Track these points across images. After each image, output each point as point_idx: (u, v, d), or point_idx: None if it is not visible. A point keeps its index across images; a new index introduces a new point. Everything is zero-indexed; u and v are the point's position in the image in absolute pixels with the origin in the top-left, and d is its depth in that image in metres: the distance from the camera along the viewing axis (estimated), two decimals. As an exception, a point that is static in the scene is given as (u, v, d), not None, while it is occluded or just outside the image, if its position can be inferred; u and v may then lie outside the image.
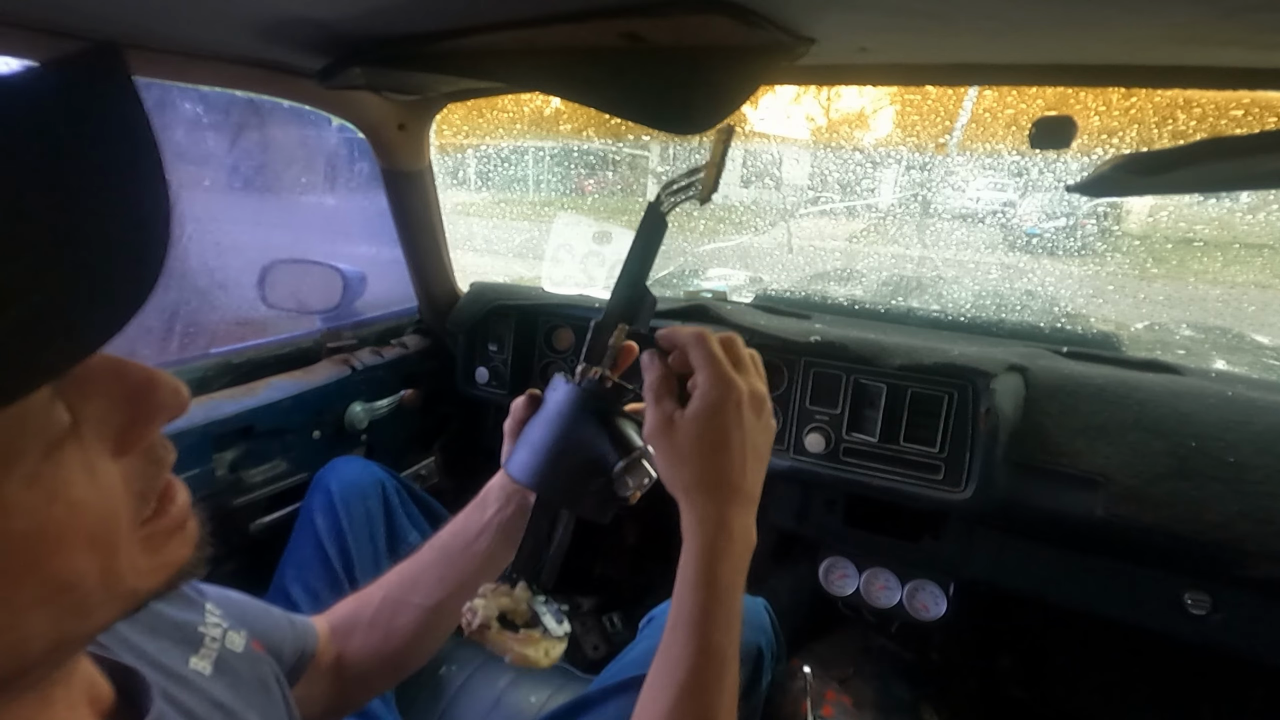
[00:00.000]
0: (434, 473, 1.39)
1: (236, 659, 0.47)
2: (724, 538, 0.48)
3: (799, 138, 2.70)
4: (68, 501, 0.26)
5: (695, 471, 0.49)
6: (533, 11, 0.53)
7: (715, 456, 0.49)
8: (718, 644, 0.46)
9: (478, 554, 0.61)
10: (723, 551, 0.48)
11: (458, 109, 1.15)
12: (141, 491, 0.30)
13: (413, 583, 0.62)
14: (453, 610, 0.60)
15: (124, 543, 0.28)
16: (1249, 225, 1.71)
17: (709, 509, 0.49)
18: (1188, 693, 1.20)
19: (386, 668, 0.63)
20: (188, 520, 0.32)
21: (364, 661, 0.62)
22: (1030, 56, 0.68)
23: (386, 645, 0.62)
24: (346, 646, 0.62)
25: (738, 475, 0.49)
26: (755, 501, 0.52)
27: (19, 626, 0.25)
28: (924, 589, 1.14)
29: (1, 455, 0.24)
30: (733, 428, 0.49)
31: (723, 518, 0.49)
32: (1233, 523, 0.83)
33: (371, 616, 0.62)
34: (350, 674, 0.61)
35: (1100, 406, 0.92)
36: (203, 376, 1.02)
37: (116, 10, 0.59)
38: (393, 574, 0.64)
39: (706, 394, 0.49)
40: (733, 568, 0.48)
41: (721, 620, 0.47)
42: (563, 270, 1.46)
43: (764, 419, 0.52)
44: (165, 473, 0.31)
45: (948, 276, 1.83)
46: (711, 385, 0.49)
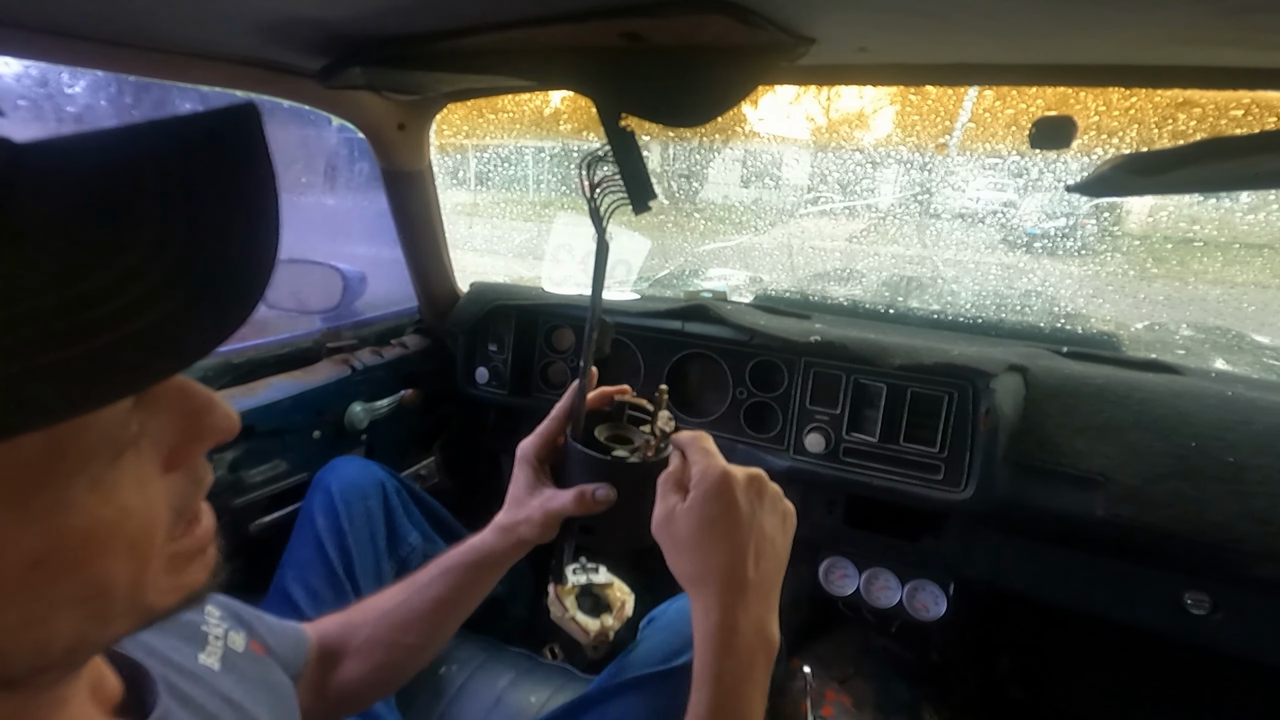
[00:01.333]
0: (434, 473, 1.39)
1: (239, 658, 0.47)
2: (726, 633, 0.47)
3: (799, 138, 2.70)
4: (120, 507, 0.27)
5: (695, 564, 0.49)
6: (533, 11, 0.53)
7: (714, 548, 0.48)
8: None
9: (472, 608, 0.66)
10: (726, 647, 0.46)
11: (458, 109, 1.15)
12: (179, 509, 0.31)
13: (404, 626, 0.63)
14: (441, 640, 0.65)
15: (155, 557, 0.29)
16: (1249, 225, 1.71)
17: (710, 603, 0.48)
18: (1188, 693, 1.20)
19: (371, 691, 0.64)
20: (209, 546, 0.33)
21: (350, 684, 0.62)
22: (1030, 56, 0.68)
23: (375, 676, 0.63)
24: (334, 669, 0.62)
25: (740, 567, 0.48)
26: (769, 595, 0.49)
27: (50, 623, 0.26)
28: (924, 589, 1.14)
29: (80, 454, 0.25)
30: (731, 517, 0.48)
31: (725, 612, 0.47)
32: (1233, 523, 0.83)
33: (360, 647, 0.63)
34: (335, 694, 0.62)
35: (1100, 406, 0.92)
36: (203, 376, 1.02)
37: (116, 10, 0.59)
38: (378, 608, 0.64)
39: (698, 484, 0.50)
40: (740, 665, 0.46)
41: (726, 716, 0.45)
42: (563, 270, 1.46)
43: (769, 504, 0.51)
44: (203, 493, 0.32)
45: (948, 276, 1.83)
46: (702, 475, 0.50)
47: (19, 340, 0.20)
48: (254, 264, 0.25)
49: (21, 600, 0.25)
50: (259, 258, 0.25)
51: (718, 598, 0.47)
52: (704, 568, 0.48)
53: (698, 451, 0.52)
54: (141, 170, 0.24)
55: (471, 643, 0.99)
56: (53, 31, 0.64)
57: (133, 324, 0.22)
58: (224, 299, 0.24)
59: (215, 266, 0.24)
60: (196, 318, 0.23)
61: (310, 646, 0.61)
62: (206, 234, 0.24)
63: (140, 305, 0.22)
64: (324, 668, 0.62)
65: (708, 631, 0.47)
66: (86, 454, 0.25)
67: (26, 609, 0.25)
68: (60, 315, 0.21)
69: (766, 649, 0.48)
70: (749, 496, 0.50)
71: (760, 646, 0.48)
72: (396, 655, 0.63)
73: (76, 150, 0.24)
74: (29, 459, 0.24)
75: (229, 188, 0.25)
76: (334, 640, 0.63)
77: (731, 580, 0.48)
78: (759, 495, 0.51)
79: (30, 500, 0.24)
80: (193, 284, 0.23)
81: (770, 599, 0.50)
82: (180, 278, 0.23)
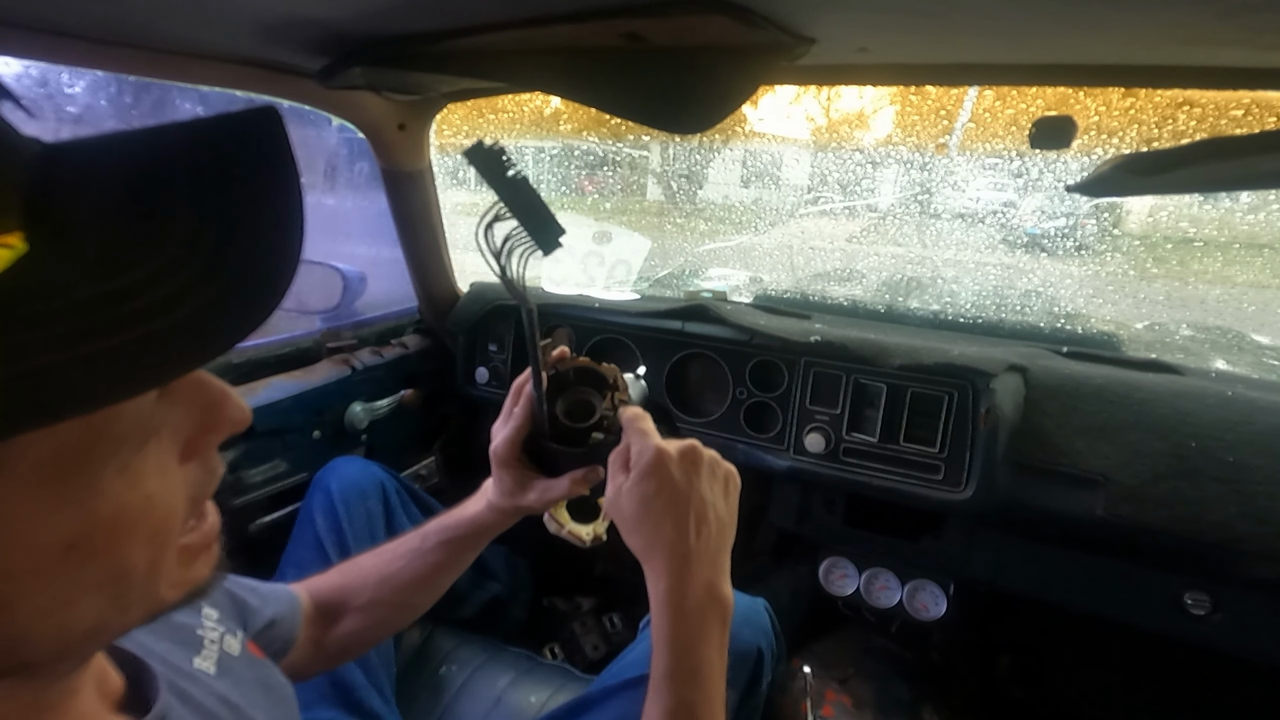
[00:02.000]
0: (434, 473, 1.39)
1: (235, 661, 0.47)
2: (676, 596, 0.50)
3: (799, 138, 2.70)
4: (145, 494, 0.28)
5: (642, 538, 0.52)
6: (533, 11, 0.53)
7: (656, 522, 0.51)
8: (687, 701, 0.48)
9: (465, 567, 0.69)
10: (677, 611, 0.49)
11: (458, 109, 1.15)
12: (194, 497, 0.32)
13: (407, 588, 0.66)
14: (440, 594, 0.69)
15: (171, 546, 0.30)
16: (1249, 225, 1.71)
17: (658, 572, 0.51)
18: (1188, 693, 1.20)
19: (372, 640, 0.70)
20: (213, 543, 0.34)
21: (351, 636, 0.66)
22: (1030, 56, 0.68)
23: (376, 630, 0.68)
24: (334, 625, 0.66)
25: (682, 538, 0.51)
26: (717, 561, 0.52)
27: (75, 606, 0.27)
28: (924, 589, 1.14)
29: (112, 441, 0.26)
30: (666, 493, 0.51)
31: (673, 576, 0.50)
32: (1233, 523, 0.83)
33: (362, 606, 0.66)
34: (336, 646, 0.66)
35: (1100, 406, 0.92)
36: (203, 376, 1.02)
37: (116, 10, 0.59)
38: (378, 575, 0.67)
39: (635, 464, 0.53)
40: (692, 626, 0.49)
41: (687, 679, 0.48)
42: (563, 270, 1.46)
43: (707, 472, 0.54)
44: (215, 483, 0.33)
45: (948, 276, 1.83)
46: (638, 455, 0.53)
47: (63, 330, 0.21)
48: (281, 261, 0.26)
49: (52, 583, 0.26)
50: (285, 255, 0.26)
51: (664, 566, 0.50)
52: (649, 541, 0.51)
53: (634, 433, 0.54)
54: (175, 170, 0.25)
55: (471, 643, 0.99)
56: (53, 31, 0.64)
57: (168, 317, 0.23)
58: (252, 294, 0.25)
59: (245, 263, 0.25)
60: (227, 311, 0.24)
61: (303, 607, 0.64)
62: (237, 231, 0.25)
63: (175, 299, 0.23)
64: (323, 624, 0.66)
65: (659, 598, 0.50)
66: (118, 441, 0.26)
67: (56, 592, 0.26)
68: (100, 307, 0.22)
69: (719, 609, 0.51)
70: (683, 469, 0.52)
71: (711, 607, 0.51)
72: (398, 613, 0.68)
73: (110, 150, 0.26)
74: (67, 444, 0.25)
75: (258, 187, 0.26)
76: (332, 599, 0.66)
77: (675, 550, 0.51)
78: (694, 466, 0.53)
79: (66, 484, 0.25)
80: (224, 279, 0.24)
81: (719, 561, 0.53)
82: (213, 273, 0.24)
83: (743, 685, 0.73)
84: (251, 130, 0.26)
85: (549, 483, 0.61)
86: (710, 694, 0.49)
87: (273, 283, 0.25)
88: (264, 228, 0.26)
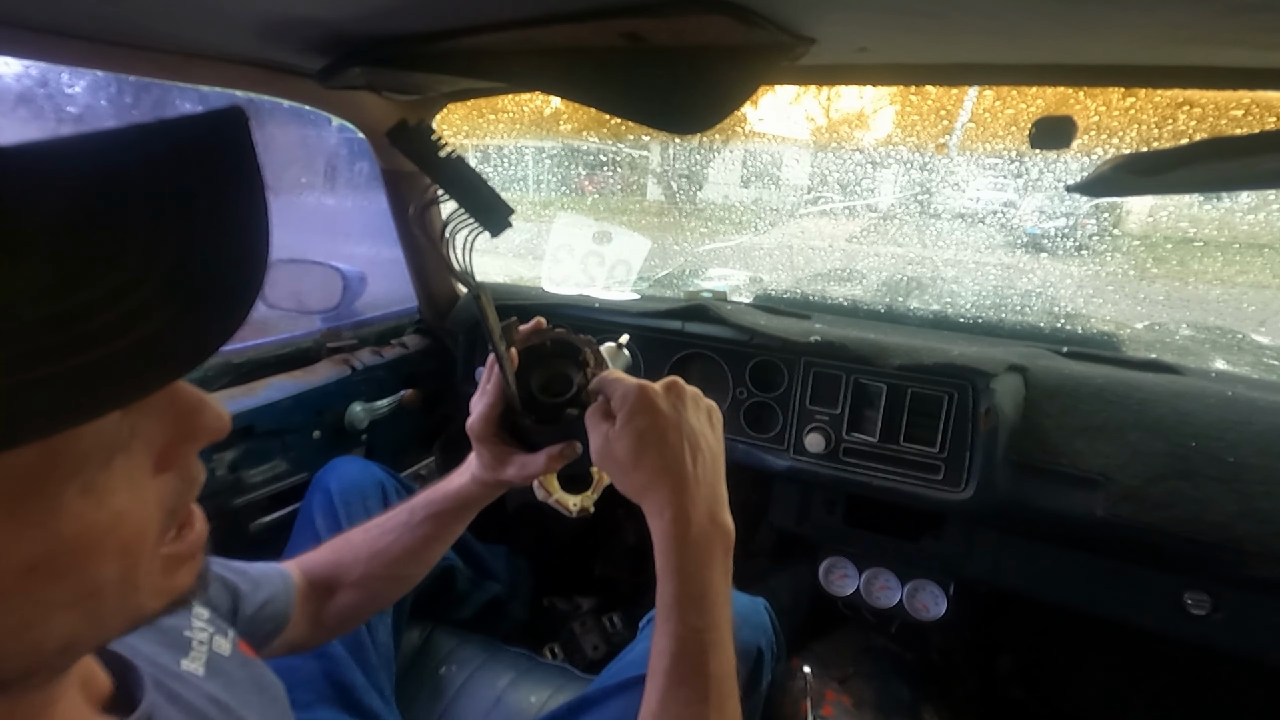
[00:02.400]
0: (434, 473, 1.39)
1: (226, 661, 0.47)
2: (681, 524, 0.49)
3: (799, 138, 2.70)
4: (112, 510, 0.27)
5: (641, 475, 0.51)
6: (533, 11, 0.53)
7: (653, 455, 0.51)
8: (694, 627, 0.47)
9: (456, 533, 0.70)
10: (682, 539, 0.49)
11: (458, 109, 1.15)
12: (172, 509, 0.31)
13: (399, 561, 0.68)
14: (430, 566, 0.71)
15: (146, 558, 0.29)
16: (1249, 225, 1.71)
17: (661, 503, 0.50)
18: (1188, 693, 1.20)
19: (368, 613, 0.72)
20: (199, 552, 0.33)
21: (347, 609, 0.68)
22: (1030, 56, 0.68)
23: (371, 602, 0.69)
24: (329, 600, 0.67)
25: (680, 465, 0.51)
26: (714, 489, 0.52)
27: (43, 626, 0.26)
28: (924, 589, 1.14)
29: (73, 461, 0.25)
30: (659, 424, 0.51)
31: (677, 506, 0.50)
32: (1233, 523, 0.83)
33: (356, 581, 0.67)
34: (334, 620, 0.67)
35: (1100, 406, 0.92)
36: (203, 376, 1.02)
37: (116, 10, 0.59)
38: (369, 550, 0.68)
39: (621, 405, 0.53)
40: (699, 553, 0.49)
41: (694, 605, 0.48)
42: (563, 270, 1.46)
43: (692, 404, 0.54)
44: (195, 492, 0.32)
45: (948, 276, 1.83)
46: (623, 397, 0.53)
47: (13, 353, 0.20)
48: (246, 272, 0.24)
49: (16, 605, 0.25)
50: (250, 266, 0.25)
51: (667, 496, 0.50)
52: (649, 475, 0.51)
53: (612, 382, 0.55)
54: (131, 178, 0.23)
55: (471, 643, 0.99)
56: (53, 31, 0.64)
57: (126, 336, 0.22)
58: (216, 309, 0.24)
59: (207, 276, 0.24)
60: (190, 328, 0.23)
61: (296, 584, 0.65)
62: (198, 243, 0.24)
63: (133, 317, 0.22)
64: (318, 600, 0.67)
65: (663, 530, 0.50)
66: (79, 461, 0.25)
67: (21, 613, 0.25)
68: (54, 329, 0.21)
69: (723, 536, 0.51)
70: (670, 401, 0.53)
71: (715, 533, 0.50)
72: (391, 585, 0.70)
73: (62, 157, 0.24)
74: (22, 468, 0.24)
75: (220, 195, 0.24)
76: (326, 575, 0.68)
77: (676, 478, 0.50)
78: (679, 399, 0.53)
79: (24, 508, 0.24)
80: (185, 294, 0.23)
81: (716, 489, 0.53)
82: (173, 289, 0.23)
83: (743, 685, 0.73)
84: (214, 136, 0.25)
85: (527, 458, 0.61)
86: (717, 620, 0.48)
87: (235, 300, 0.24)
88: (226, 242, 0.24)
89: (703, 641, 0.47)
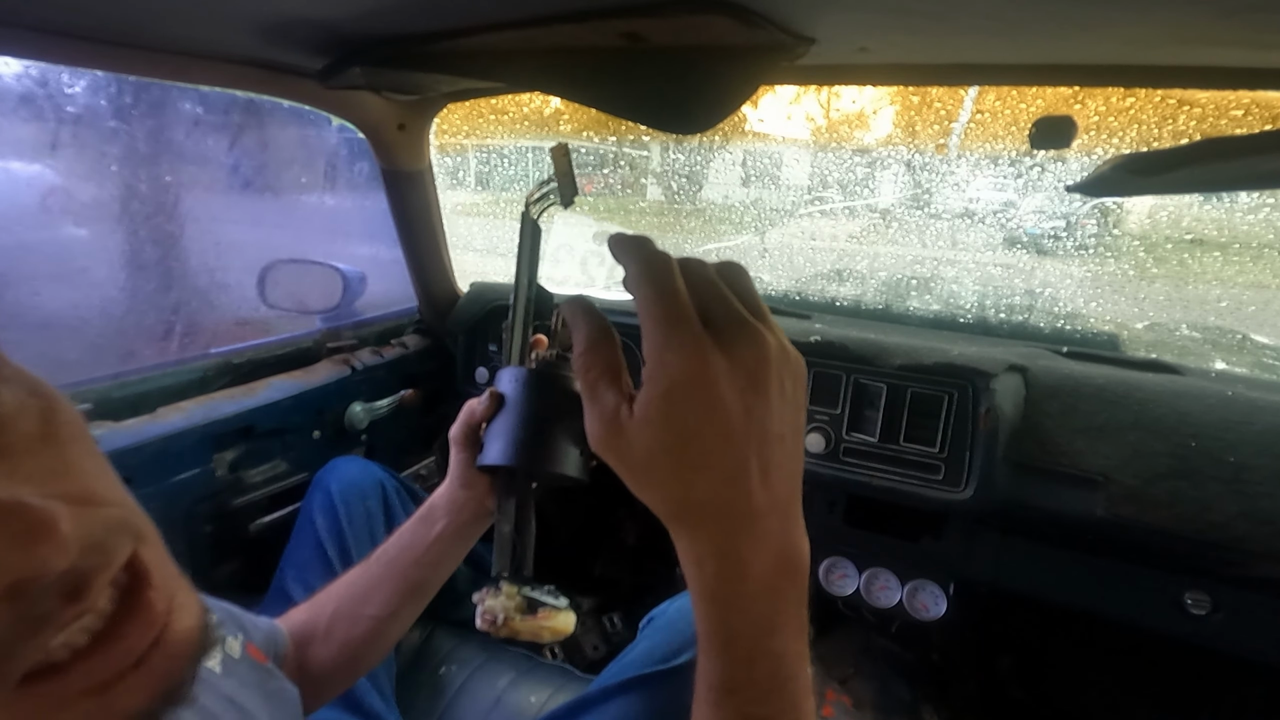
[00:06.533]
0: (434, 473, 1.39)
1: (237, 664, 0.47)
2: (730, 584, 0.32)
3: (799, 138, 2.70)
4: None
5: (671, 496, 0.32)
6: (533, 11, 0.53)
7: (696, 473, 0.31)
8: (752, 715, 0.32)
9: (428, 564, 0.61)
10: (732, 597, 0.32)
11: (458, 109, 1.16)
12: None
13: (364, 597, 0.62)
14: (406, 615, 0.62)
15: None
16: (1249, 225, 1.71)
17: (701, 549, 0.32)
18: (1188, 693, 1.20)
19: (343, 673, 0.64)
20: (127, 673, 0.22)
21: (321, 668, 0.62)
22: (1030, 56, 0.68)
23: (343, 654, 0.62)
24: (304, 656, 0.62)
25: (740, 495, 0.31)
26: (789, 510, 0.33)
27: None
28: (924, 589, 1.14)
29: None
30: (718, 427, 0.31)
31: (725, 560, 0.32)
32: (1233, 523, 0.83)
33: (326, 628, 0.62)
34: (309, 680, 0.61)
35: (1100, 406, 0.92)
36: (203, 376, 1.02)
37: (116, 10, 0.59)
38: (341, 585, 0.64)
39: (657, 377, 0.31)
40: (758, 618, 0.32)
41: (753, 689, 0.32)
42: (563, 270, 1.46)
43: (778, 391, 0.32)
44: (44, 629, 0.20)
45: (948, 276, 1.83)
46: (661, 360, 0.31)
47: None
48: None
49: None
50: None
51: (711, 541, 0.32)
52: (684, 500, 0.32)
53: (646, 301, 0.32)
54: None
55: (471, 643, 0.99)
56: (53, 31, 0.64)
57: None
58: None
59: None
60: None
61: (286, 639, 0.61)
62: None
63: None
64: (298, 656, 0.62)
65: (704, 587, 0.32)
66: None
67: None
68: None
69: (794, 577, 0.33)
70: (740, 389, 0.31)
71: (787, 579, 0.33)
72: (360, 630, 0.61)
73: None
74: None
75: None
76: (301, 627, 0.63)
77: (730, 513, 0.32)
78: (760, 384, 0.31)
79: None
80: None
81: (790, 513, 0.33)
82: None
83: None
84: None
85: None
86: (790, 703, 0.33)
87: None
88: None
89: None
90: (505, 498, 0.52)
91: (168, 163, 1.13)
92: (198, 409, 0.95)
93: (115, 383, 0.93)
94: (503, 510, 0.52)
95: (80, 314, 1.02)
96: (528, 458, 0.49)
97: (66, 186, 1.01)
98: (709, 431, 0.31)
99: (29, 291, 0.95)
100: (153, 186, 1.11)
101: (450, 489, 0.59)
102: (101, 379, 0.93)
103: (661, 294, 0.32)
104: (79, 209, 1.04)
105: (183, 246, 1.16)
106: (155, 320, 1.11)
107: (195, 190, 1.20)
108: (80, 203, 1.04)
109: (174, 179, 1.14)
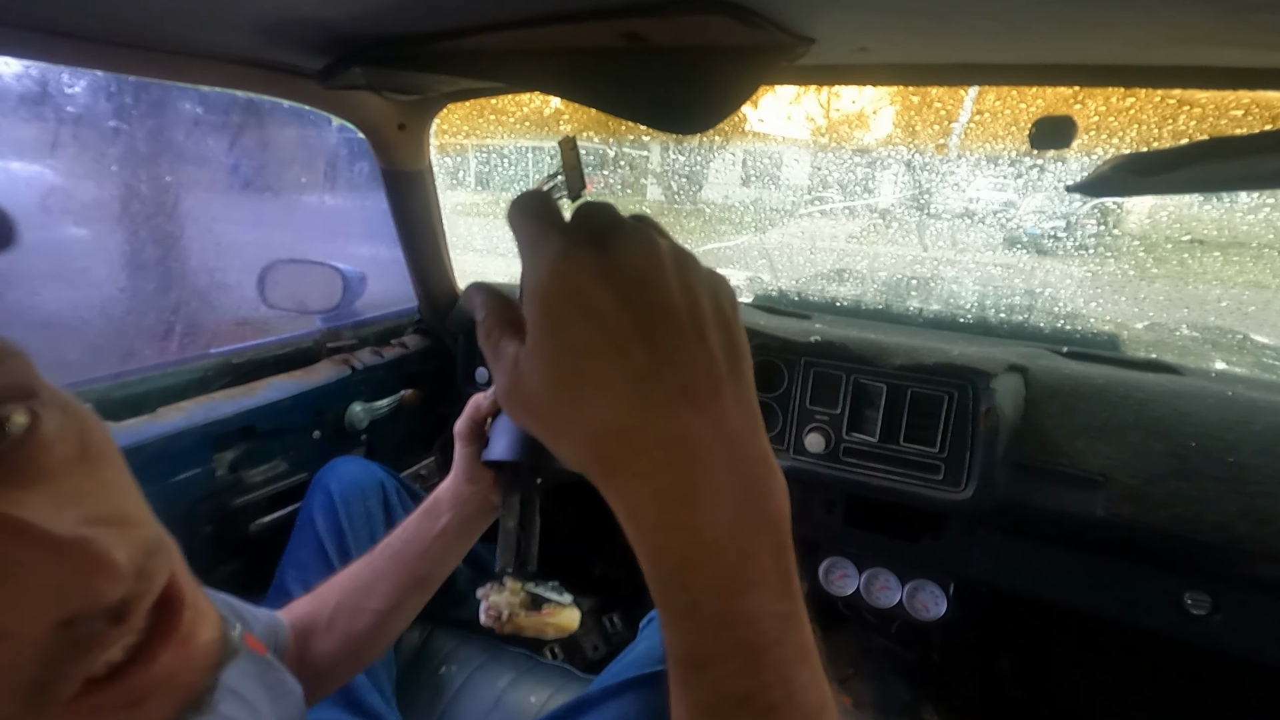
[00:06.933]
0: (434, 473, 1.39)
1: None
2: (676, 525, 0.26)
3: (799, 138, 2.70)
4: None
5: (581, 432, 0.26)
6: (533, 11, 0.53)
7: (598, 390, 0.25)
8: (734, 694, 0.25)
9: (432, 559, 0.61)
10: (684, 549, 0.26)
11: (458, 109, 1.16)
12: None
13: (367, 589, 0.62)
14: (409, 609, 0.63)
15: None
16: (1249, 225, 1.71)
17: (630, 489, 0.26)
18: (1188, 693, 1.20)
19: (343, 667, 0.64)
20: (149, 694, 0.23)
21: (322, 661, 0.62)
22: (1030, 56, 0.68)
23: (345, 648, 0.62)
24: (305, 648, 0.63)
25: (654, 409, 0.25)
26: (739, 439, 0.26)
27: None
28: (924, 589, 1.14)
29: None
30: (608, 330, 0.25)
31: (663, 490, 0.26)
32: (1233, 523, 0.83)
33: (329, 620, 0.62)
34: (309, 672, 0.62)
35: (1100, 406, 0.92)
36: (203, 376, 1.02)
37: (116, 10, 0.59)
38: (344, 577, 0.64)
39: (531, 293, 0.26)
40: (720, 569, 0.26)
41: (721, 661, 0.26)
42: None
43: (679, 284, 0.26)
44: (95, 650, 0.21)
45: (948, 276, 1.83)
46: (533, 274, 0.26)
47: None
48: None
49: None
50: None
51: (642, 483, 0.26)
52: (597, 435, 0.26)
53: (516, 225, 0.29)
54: None
55: (471, 643, 0.99)
56: (53, 31, 0.64)
57: None
58: None
59: None
60: None
61: (287, 631, 0.61)
62: None
63: None
64: (299, 648, 0.62)
65: (648, 544, 0.27)
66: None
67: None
68: None
69: (764, 520, 0.27)
70: (625, 289, 0.25)
71: (754, 524, 0.26)
72: (362, 624, 0.61)
73: None
74: None
75: None
76: (303, 619, 0.63)
77: (655, 441, 0.25)
78: (649, 281, 0.26)
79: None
80: None
81: (747, 441, 0.27)
82: None
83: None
84: None
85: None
86: (784, 674, 0.26)
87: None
88: None
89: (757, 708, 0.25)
90: (510, 493, 0.52)
91: (168, 163, 1.13)
92: (198, 409, 0.95)
93: (115, 383, 0.93)
94: (507, 506, 0.52)
95: (80, 314, 1.02)
96: (533, 453, 0.49)
97: (66, 186, 1.01)
98: (599, 341, 0.25)
99: (29, 291, 0.95)
100: (153, 186, 1.11)
101: (455, 483, 0.60)
102: (101, 379, 0.93)
103: (526, 212, 0.28)
104: (79, 209, 1.04)
105: (183, 246, 1.16)
106: (155, 320, 1.11)
107: (195, 190, 1.20)
108: (80, 203, 1.04)
109: (174, 179, 1.14)
